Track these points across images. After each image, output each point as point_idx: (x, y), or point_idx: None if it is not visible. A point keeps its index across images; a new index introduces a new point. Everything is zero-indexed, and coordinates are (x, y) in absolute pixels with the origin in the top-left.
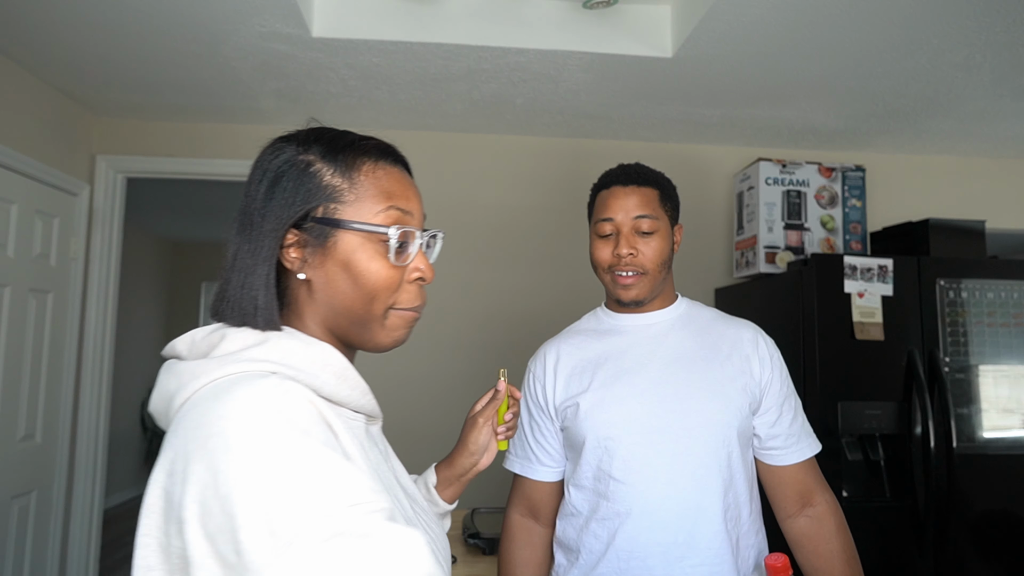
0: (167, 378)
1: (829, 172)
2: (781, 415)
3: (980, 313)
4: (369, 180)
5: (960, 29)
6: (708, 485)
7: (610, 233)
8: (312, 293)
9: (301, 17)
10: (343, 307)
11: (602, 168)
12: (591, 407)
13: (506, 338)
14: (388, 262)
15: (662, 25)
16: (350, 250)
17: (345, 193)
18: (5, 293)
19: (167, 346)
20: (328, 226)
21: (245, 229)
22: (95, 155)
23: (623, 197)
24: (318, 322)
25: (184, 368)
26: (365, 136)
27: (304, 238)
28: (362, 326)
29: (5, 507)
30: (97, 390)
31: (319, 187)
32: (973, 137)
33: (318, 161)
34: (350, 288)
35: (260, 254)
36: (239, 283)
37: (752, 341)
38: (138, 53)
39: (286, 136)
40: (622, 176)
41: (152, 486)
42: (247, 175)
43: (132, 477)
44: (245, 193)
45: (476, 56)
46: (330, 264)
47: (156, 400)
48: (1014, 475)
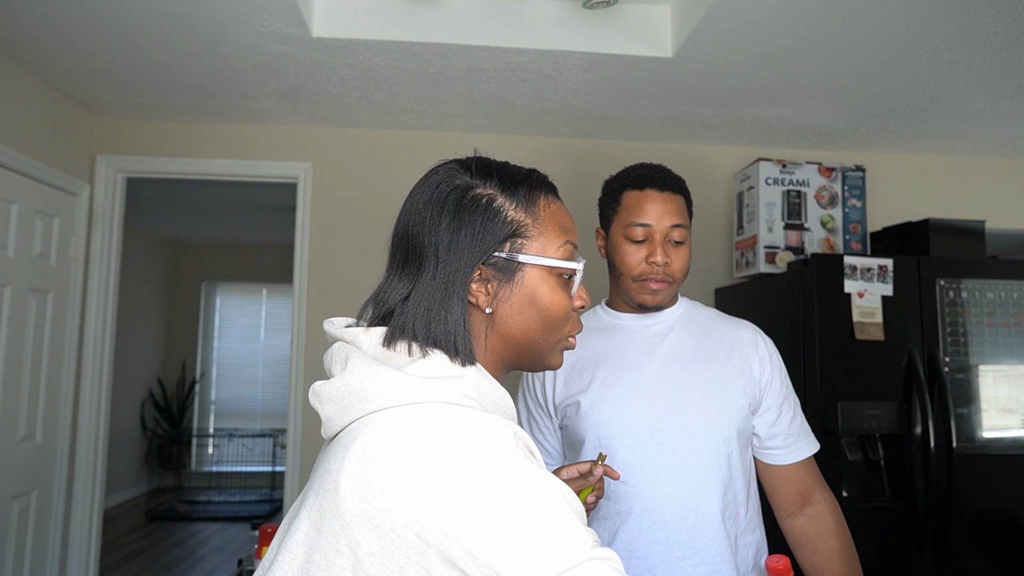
0: (364, 374)
1: (829, 172)
2: (780, 415)
3: (980, 313)
4: (547, 215)
5: (960, 29)
6: (708, 485)
7: (643, 239)
8: (493, 325)
9: (301, 17)
10: (524, 338)
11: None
12: (591, 406)
13: None
14: (567, 294)
15: (662, 25)
16: (536, 283)
17: (529, 228)
18: (5, 293)
19: (341, 328)
20: (516, 262)
21: (423, 260)
22: (95, 155)
23: (661, 203)
24: (493, 352)
25: (391, 377)
26: (530, 169)
27: (490, 273)
28: (538, 355)
29: (5, 507)
30: (97, 390)
31: (505, 222)
32: (973, 137)
33: (500, 196)
34: (535, 320)
35: (452, 290)
36: (420, 315)
37: (752, 341)
38: (138, 53)
39: (453, 164)
40: (659, 180)
41: (328, 494)
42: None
43: (132, 477)
44: (415, 220)
45: (476, 56)
46: (516, 298)
47: (340, 389)
48: (1014, 475)
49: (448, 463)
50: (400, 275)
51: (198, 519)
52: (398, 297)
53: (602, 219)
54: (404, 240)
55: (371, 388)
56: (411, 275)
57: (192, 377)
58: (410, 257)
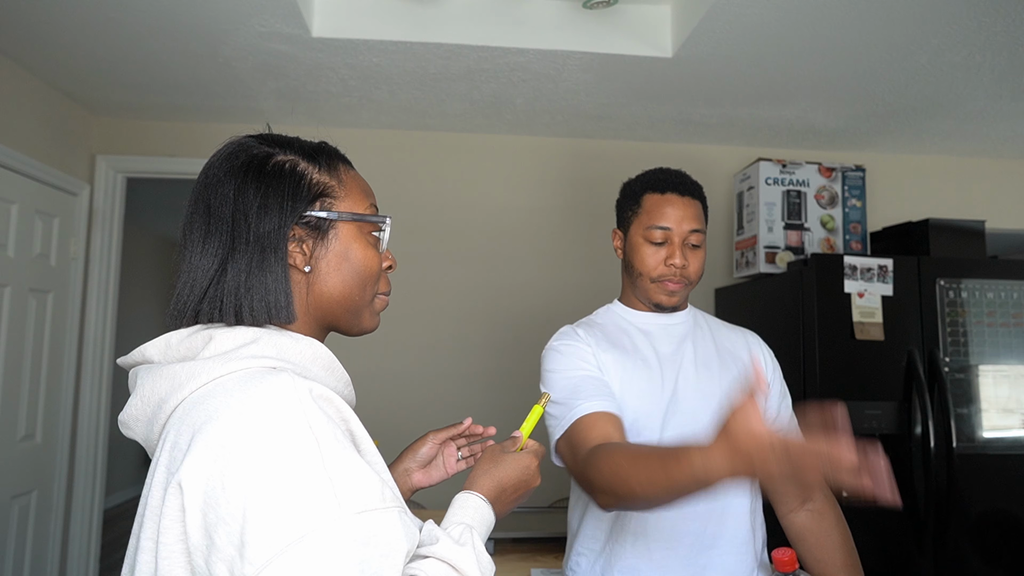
0: (152, 382)
1: (829, 172)
2: (779, 414)
3: (980, 313)
4: (349, 179)
5: (960, 29)
6: None
7: (663, 242)
8: (312, 285)
9: (301, 17)
10: (341, 295)
11: (602, 168)
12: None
13: (507, 337)
14: (376, 251)
15: (662, 25)
16: (349, 240)
17: (336, 189)
18: (5, 293)
19: (132, 352)
20: (328, 219)
21: (232, 230)
22: (95, 155)
23: (681, 207)
24: (307, 312)
25: (178, 369)
26: (320, 141)
27: (304, 233)
28: (354, 312)
29: (5, 507)
30: (97, 390)
31: (311, 184)
32: (973, 137)
33: (302, 161)
34: (351, 276)
35: (268, 252)
36: (239, 283)
37: (757, 345)
38: (138, 53)
39: (249, 138)
40: (679, 184)
41: (155, 488)
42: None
43: (132, 477)
44: (214, 194)
45: (476, 56)
46: (331, 255)
47: (138, 406)
48: (1014, 475)
49: (214, 435)
50: (202, 252)
51: None
52: (210, 273)
53: (620, 220)
54: (205, 215)
55: (162, 389)
56: (216, 248)
57: None
58: (211, 230)
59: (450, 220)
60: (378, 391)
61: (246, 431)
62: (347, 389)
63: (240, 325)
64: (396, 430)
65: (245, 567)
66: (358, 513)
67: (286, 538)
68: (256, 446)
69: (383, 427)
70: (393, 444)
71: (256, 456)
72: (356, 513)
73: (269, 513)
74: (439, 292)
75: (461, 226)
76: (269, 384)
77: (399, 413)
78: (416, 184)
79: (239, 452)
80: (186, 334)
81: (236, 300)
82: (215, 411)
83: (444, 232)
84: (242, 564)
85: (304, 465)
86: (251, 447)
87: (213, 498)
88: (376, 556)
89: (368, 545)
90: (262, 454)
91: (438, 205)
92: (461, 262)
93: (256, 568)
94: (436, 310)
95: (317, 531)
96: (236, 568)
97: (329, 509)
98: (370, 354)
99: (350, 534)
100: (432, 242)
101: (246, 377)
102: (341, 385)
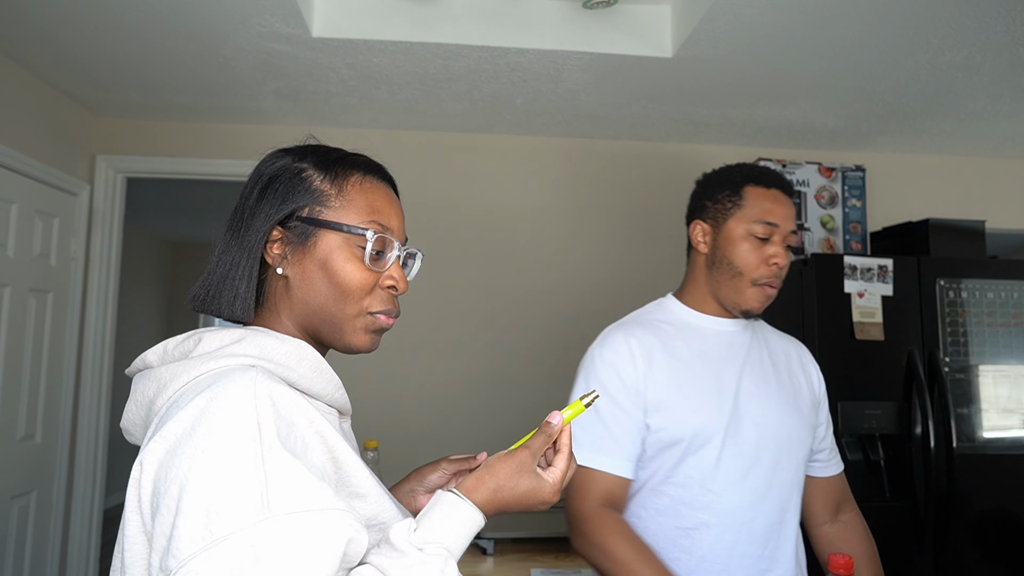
0: (144, 385)
1: (829, 172)
2: (828, 429)
3: (980, 313)
4: (356, 192)
5: (960, 29)
6: (792, 499)
7: (766, 237)
8: (289, 290)
9: (301, 17)
10: (317, 305)
11: (602, 168)
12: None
13: (508, 337)
14: (363, 265)
15: (662, 25)
16: (328, 250)
17: (332, 199)
18: (5, 293)
19: (135, 360)
20: (311, 225)
21: (235, 227)
22: (95, 155)
23: (786, 206)
24: (292, 319)
25: (163, 372)
26: (357, 153)
27: (287, 236)
28: (333, 325)
29: (5, 507)
30: (97, 390)
31: (308, 190)
32: (973, 137)
33: (310, 168)
34: (325, 286)
35: (245, 249)
36: (223, 275)
37: (808, 357)
38: (138, 53)
39: (284, 148)
40: (783, 183)
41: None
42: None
43: None
44: (240, 195)
45: (476, 56)
46: (308, 262)
47: (132, 411)
48: (1014, 475)
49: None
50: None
51: None
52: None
53: (705, 211)
54: (231, 214)
55: (150, 391)
56: (225, 241)
57: None
58: (227, 226)
59: (450, 220)
60: (374, 391)
61: (196, 426)
62: (337, 392)
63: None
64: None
65: (169, 560)
66: (289, 514)
67: (211, 536)
68: (200, 442)
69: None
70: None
71: (198, 451)
72: (287, 514)
73: (198, 509)
74: (438, 292)
75: (461, 226)
76: (231, 381)
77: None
78: (416, 184)
79: (184, 446)
80: (181, 339)
81: (215, 290)
82: (182, 405)
83: (444, 232)
84: (168, 556)
85: (241, 464)
86: (195, 442)
87: (158, 487)
88: (303, 558)
89: (296, 547)
90: (203, 450)
91: (438, 205)
92: (461, 262)
93: (179, 562)
94: (434, 310)
95: (243, 531)
96: (164, 559)
97: (257, 510)
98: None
99: (277, 536)
100: (431, 242)
101: (218, 374)
102: (331, 388)
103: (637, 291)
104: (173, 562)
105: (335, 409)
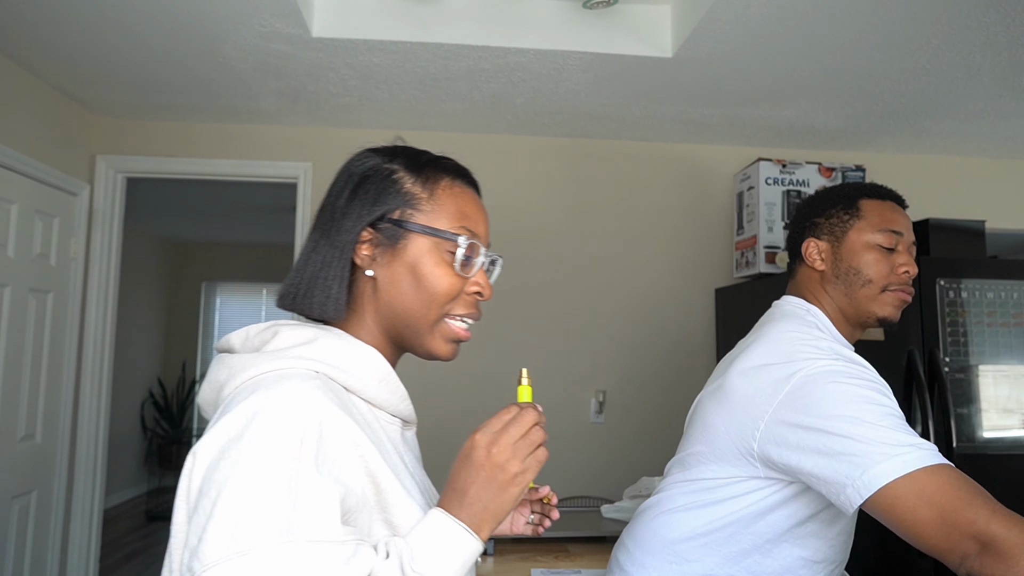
0: (218, 369)
1: (829, 172)
2: None
3: (980, 313)
4: (446, 196)
5: (960, 29)
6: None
7: (893, 247)
8: (376, 291)
9: (301, 17)
10: (402, 308)
11: (602, 168)
12: None
13: (507, 337)
14: (452, 270)
15: (662, 25)
16: (418, 253)
17: (423, 203)
18: (5, 293)
19: (221, 339)
20: (403, 228)
21: (325, 226)
22: (95, 155)
23: (904, 216)
24: (376, 321)
25: (235, 361)
26: (445, 156)
27: (377, 237)
28: (416, 330)
29: (5, 507)
30: (97, 390)
31: (399, 192)
32: (973, 137)
33: (401, 170)
34: (412, 289)
35: (337, 249)
36: (313, 275)
37: None
38: (138, 53)
39: (373, 148)
40: (896, 197)
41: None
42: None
43: (132, 477)
44: (328, 194)
45: (476, 56)
46: (397, 264)
47: (206, 390)
48: (1014, 475)
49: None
50: (307, 242)
51: None
52: (300, 261)
53: (818, 228)
54: (319, 212)
55: (222, 377)
56: (314, 240)
57: (192, 377)
58: (316, 224)
59: None
60: None
61: (244, 430)
62: (402, 403)
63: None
64: None
65: (195, 562)
66: (310, 541)
67: (233, 547)
68: (244, 449)
69: None
70: None
71: (240, 459)
72: (308, 541)
73: (228, 518)
74: None
75: None
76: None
77: None
78: None
79: (231, 450)
80: (262, 328)
81: (305, 289)
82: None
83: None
84: (195, 557)
85: (274, 482)
86: (240, 448)
87: (204, 485)
88: None
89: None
90: (244, 459)
91: None
92: None
93: (203, 566)
94: None
95: (262, 549)
96: (192, 560)
97: (280, 532)
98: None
99: (294, 560)
100: None
101: (280, 376)
102: (395, 399)
103: (637, 291)
104: (198, 564)
105: (399, 419)
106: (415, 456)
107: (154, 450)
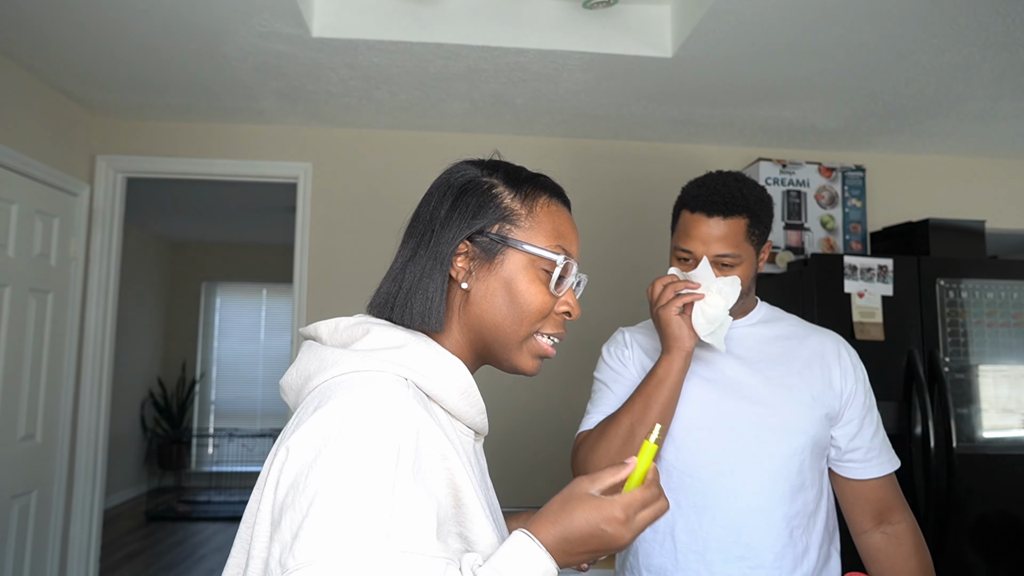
0: (309, 358)
1: (829, 172)
2: (862, 428)
3: (980, 313)
4: (544, 213)
5: (960, 29)
6: (776, 489)
7: (687, 260)
8: (467, 304)
9: (301, 17)
10: (493, 322)
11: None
12: None
13: None
14: (546, 288)
15: (662, 25)
16: (515, 269)
17: (522, 219)
18: (5, 293)
19: (309, 326)
20: (502, 244)
21: (422, 236)
22: (95, 155)
23: (705, 228)
24: (464, 332)
25: (327, 353)
26: (542, 173)
27: (474, 251)
28: (504, 345)
29: (5, 507)
30: (97, 390)
31: (499, 207)
32: (973, 137)
33: (501, 185)
34: (505, 305)
35: (437, 260)
36: (412, 284)
37: (834, 351)
38: (138, 53)
39: (470, 160)
40: (708, 203)
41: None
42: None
43: (132, 477)
44: (424, 203)
45: (476, 56)
46: (492, 279)
47: (293, 376)
48: (1014, 475)
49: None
50: (401, 251)
51: (198, 519)
52: (395, 270)
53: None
54: (414, 220)
55: (312, 367)
56: (411, 248)
57: (192, 377)
58: (412, 233)
59: None
60: None
61: (341, 430)
62: (479, 417)
63: (400, 324)
64: None
65: (289, 559)
66: (403, 552)
67: (330, 548)
68: (343, 451)
69: None
70: None
71: (340, 460)
72: (401, 551)
73: (325, 519)
74: None
75: None
76: (385, 395)
77: None
78: (416, 184)
79: (329, 449)
80: (353, 322)
81: (404, 298)
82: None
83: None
84: (289, 554)
85: (374, 488)
86: (339, 449)
87: (298, 482)
88: None
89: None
90: (344, 461)
91: None
92: None
93: (296, 563)
94: None
95: (358, 554)
96: (285, 555)
97: (377, 538)
98: None
99: (386, 569)
100: None
101: (372, 379)
102: (473, 412)
103: (637, 291)
104: (292, 561)
105: (472, 431)
106: (481, 467)
107: (154, 450)
